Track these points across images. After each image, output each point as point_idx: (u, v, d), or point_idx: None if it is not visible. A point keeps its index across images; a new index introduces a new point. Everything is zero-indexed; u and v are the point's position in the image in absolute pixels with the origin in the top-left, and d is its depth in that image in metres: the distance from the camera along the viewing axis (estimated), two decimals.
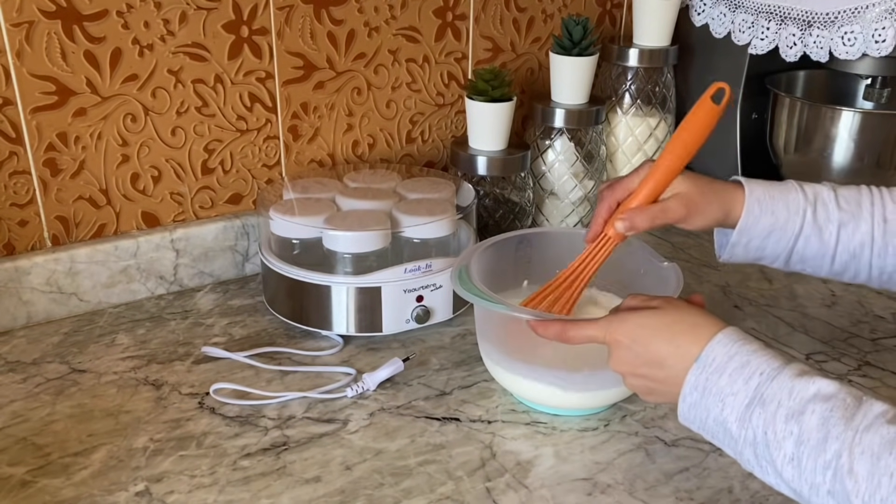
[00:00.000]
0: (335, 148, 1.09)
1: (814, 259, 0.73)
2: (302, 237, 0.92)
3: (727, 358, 0.58)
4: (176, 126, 0.96)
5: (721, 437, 0.59)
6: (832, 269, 0.73)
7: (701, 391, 0.59)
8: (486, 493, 0.68)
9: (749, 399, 0.56)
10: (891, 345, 0.92)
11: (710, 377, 0.58)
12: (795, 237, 0.72)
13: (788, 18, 1.10)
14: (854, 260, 0.72)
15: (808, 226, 0.72)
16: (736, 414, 0.57)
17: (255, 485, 0.69)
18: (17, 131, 0.87)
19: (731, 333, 0.60)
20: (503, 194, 1.07)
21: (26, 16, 0.84)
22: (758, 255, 0.74)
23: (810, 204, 0.72)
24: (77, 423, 0.76)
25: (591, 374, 0.76)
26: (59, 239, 0.94)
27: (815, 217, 0.72)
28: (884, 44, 1.01)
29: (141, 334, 0.91)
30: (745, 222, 0.72)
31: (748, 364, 0.57)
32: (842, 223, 0.72)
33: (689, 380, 0.59)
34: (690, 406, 0.60)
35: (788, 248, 0.73)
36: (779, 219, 0.72)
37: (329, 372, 0.85)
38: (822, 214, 0.72)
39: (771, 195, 0.73)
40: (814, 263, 0.74)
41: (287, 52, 1.00)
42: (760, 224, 0.72)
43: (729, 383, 0.57)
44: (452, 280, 0.77)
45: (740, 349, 0.58)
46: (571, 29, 1.08)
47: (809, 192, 0.73)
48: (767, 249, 0.74)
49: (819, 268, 0.74)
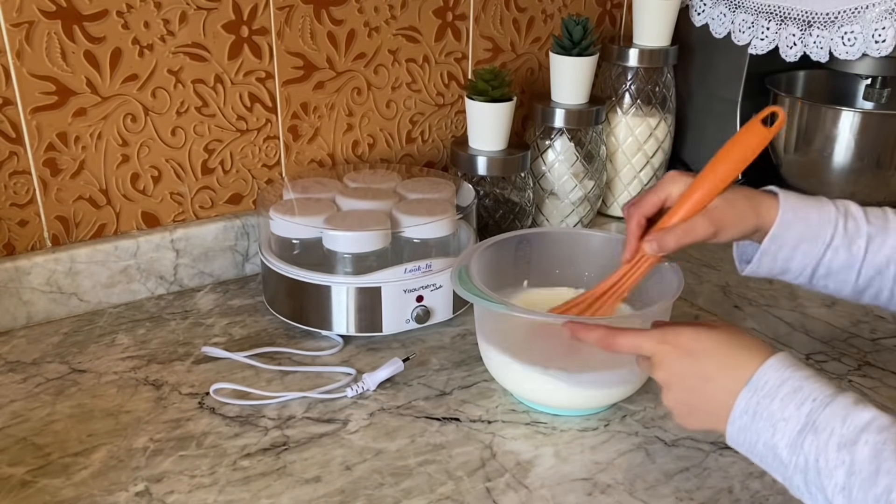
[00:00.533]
0: (335, 148, 1.09)
1: (839, 273, 0.71)
2: (302, 237, 0.92)
3: (779, 382, 0.57)
4: (176, 126, 0.96)
5: (770, 461, 0.58)
6: (856, 284, 0.72)
7: (751, 415, 0.58)
8: (486, 493, 0.68)
9: (801, 425, 0.55)
10: (891, 345, 0.92)
11: (761, 401, 0.57)
12: (826, 247, 0.70)
13: (788, 18, 1.10)
14: (878, 276, 0.71)
15: (839, 236, 0.70)
16: (787, 440, 0.56)
17: (255, 485, 0.69)
18: (17, 131, 0.87)
19: (783, 359, 0.59)
20: (503, 194, 1.07)
21: (26, 16, 0.84)
22: (784, 266, 0.72)
23: (842, 215, 0.71)
24: (77, 423, 0.76)
25: (591, 375, 0.76)
26: (59, 239, 0.94)
27: (846, 228, 0.70)
28: (884, 44, 1.01)
29: (141, 334, 0.91)
30: (777, 230, 0.70)
31: (800, 389, 0.56)
32: (871, 236, 0.70)
33: (739, 403, 0.58)
34: (740, 429, 0.59)
35: (817, 259, 0.71)
36: (811, 227, 0.70)
37: (329, 372, 0.85)
38: (853, 226, 0.70)
39: (804, 203, 0.71)
40: (838, 278, 0.72)
41: (287, 52, 1.00)
42: (792, 231, 0.70)
43: (780, 408, 0.56)
44: (452, 280, 0.77)
45: (792, 374, 0.58)
46: (571, 29, 1.08)
47: (840, 204, 0.72)
48: (795, 261, 0.72)
49: (843, 283, 0.72)
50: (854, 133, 1.10)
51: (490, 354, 0.80)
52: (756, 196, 0.72)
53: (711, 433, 0.76)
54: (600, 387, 0.77)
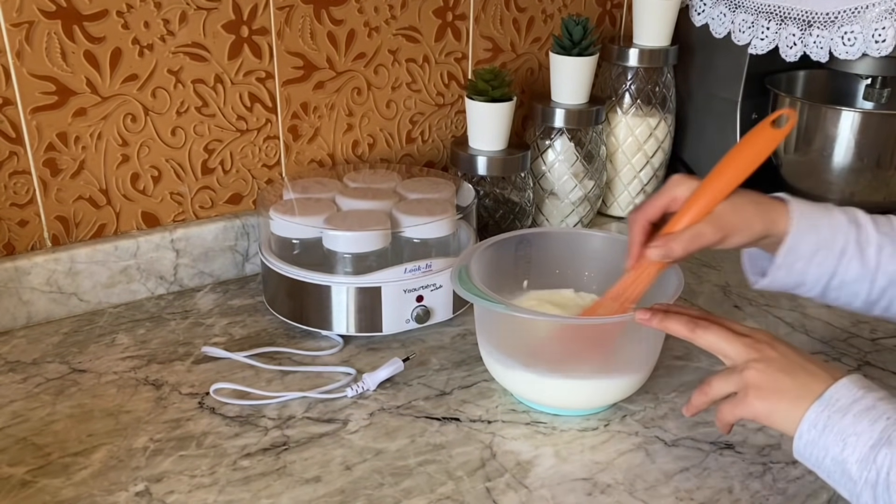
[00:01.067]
0: (335, 148, 1.09)
1: (853, 284, 0.69)
2: (302, 237, 0.92)
3: (852, 400, 0.57)
4: (176, 126, 0.96)
5: (837, 477, 0.57)
6: (869, 296, 0.70)
7: (821, 429, 0.57)
8: (486, 493, 0.68)
9: (875, 440, 0.55)
10: (891, 345, 0.92)
11: (831, 416, 0.57)
12: (839, 256, 0.69)
13: (788, 18, 1.10)
14: (892, 286, 0.69)
15: (852, 245, 0.68)
16: (858, 455, 0.55)
17: (255, 485, 0.69)
18: (17, 131, 0.87)
19: (857, 379, 0.59)
20: (503, 194, 1.07)
21: (26, 16, 0.84)
22: (799, 279, 0.70)
23: (853, 222, 0.69)
24: (77, 423, 0.76)
25: (592, 375, 0.76)
26: (59, 239, 0.94)
27: (859, 237, 0.69)
28: (884, 44, 1.01)
29: (141, 334, 0.91)
30: (793, 241, 0.68)
31: (874, 408, 0.56)
32: (881, 245, 0.68)
33: (808, 417, 0.58)
34: (807, 444, 0.58)
35: (832, 270, 0.69)
36: (824, 236, 0.68)
37: (329, 372, 0.85)
38: (863, 235, 0.69)
39: (813, 211, 0.69)
40: (851, 290, 0.70)
41: (287, 52, 1.00)
42: (807, 242, 0.69)
43: (852, 423, 0.56)
44: (452, 280, 0.77)
45: (866, 395, 0.57)
46: (571, 29, 1.08)
47: (849, 212, 0.70)
48: (811, 273, 0.70)
49: (856, 295, 0.70)
50: (854, 133, 1.10)
51: (490, 354, 0.80)
52: (765, 202, 0.71)
53: (714, 434, 0.76)
54: (600, 387, 0.77)
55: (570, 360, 0.76)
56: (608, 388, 0.77)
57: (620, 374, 0.76)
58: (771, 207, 0.70)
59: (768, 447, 0.75)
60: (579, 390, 0.76)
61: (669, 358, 0.87)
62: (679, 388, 0.83)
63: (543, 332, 0.78)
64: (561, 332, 0.78)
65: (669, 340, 0.77)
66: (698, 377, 0.85)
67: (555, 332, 0.78)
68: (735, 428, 0.77)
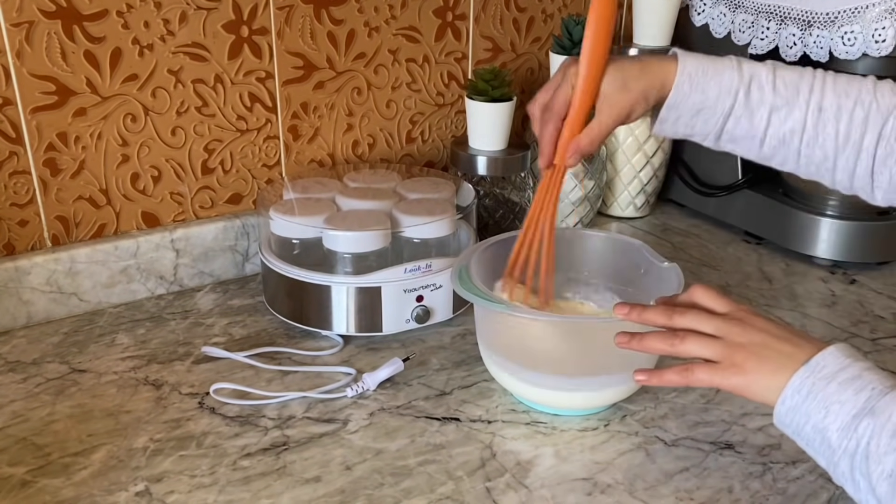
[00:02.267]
0: (335, 148, 1.09)
1: (743, 140, 0.72)
2: (302, 237, 0.92)
3: (838, 368, 0.57)
4: (176, 126, 0.96)
5: (817, 445, 0.57)
6: (761, 152, 0.73)
7: (804, 395, 0.57)
8: (486, 493, 0.68)
9: (858, 409, 0.54)
10: (891, 345, 0.92)
11: (816, 383, 0.56)
12: (725, 117, 0.71)
13: (788, 18, 1.10)
14: (783, 146, 0.71)
15: (740, 107, 0.71)
16: (840, 423, 0.55)
17: (255, 485, 0.69)
18: (17, 131, 0.87)
19: (844, 348, 0.58)
20: (503, 194, 1.07)
21: (26, 16, 0.84)
22: (687, 132, 0.74)
23: (744, 84, 0.71)
24: (77, 423, 0.76)
25: (592, 374, 0.76)
26: (59, 239, 0.94)
27: (748, 98, 0.70)
28: (884, 44, 1.01)
29: (141, 334, 0.91)
30: (673, 99, 0.71)
31: (860, 378, 0.56)
32: (774, 107, 0.70)
33: (793, 382, 0.57)
34: (789, 409, 0.58)
35: (718, 128, 0.72)
36: (709, 97, 0.71)
37: (329, 372, 0.85)
38: (756, 96, 0.70)
39: (704, 71, 0.71)
40: (743, 145, 0.73)
41: (287, 52, 1.00)
42: (689, 101, 0.71)
43: (837, 391, 0.55)
44: (452, 280, 0.77)
45: (853, 364, 0.57)
46: (571, 29, 1.08)
47: (747, 71, 0.71)
48: (696, 127, 0.73)
49: (748, 150, 0.73)
50: None
51: (490, 354, 0.80)
52: (653, 65, 0.72)
53: (714, 434, 0.76)
54: (600, 387, 0.77)
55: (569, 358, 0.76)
56: (608, 388, 0.77)
57: (621, 373, 0.76)
58: (660, 68, 0.71)
59: (768, 447, 0.75)
60: (579, 390, 0.76)
61: (669, 358, 0.87)
62: (679, 387, 0.83)
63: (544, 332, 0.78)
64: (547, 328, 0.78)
65: None
66: None
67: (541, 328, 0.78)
68: (735, 428, 0.77)
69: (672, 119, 0.72)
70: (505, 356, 0.78)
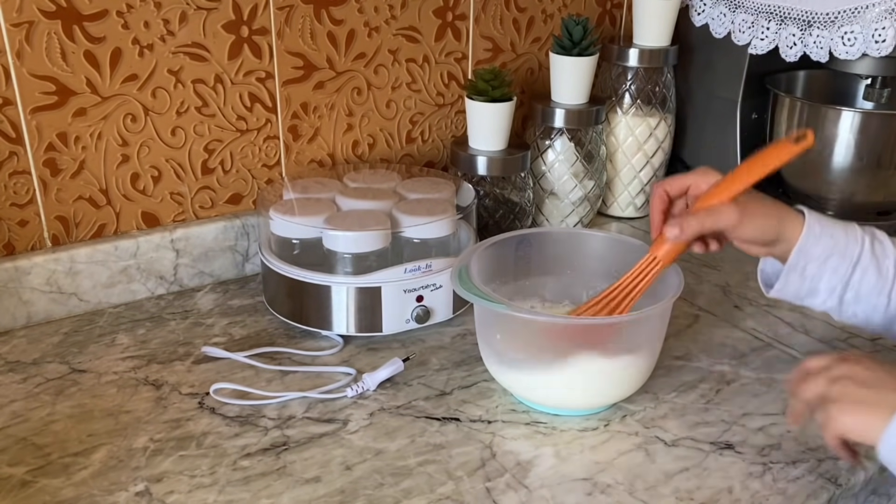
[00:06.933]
0: (335, 148, 1.09)
1: (869, 296, 0.69)
2: (302, 237, 0.92)
3: None
4: (176, 126, 0.96)
5: None
6: (887, 310, 0.69)
7: None
8: (486, 493, 0.68)
9: None
10: (891, 345, 0.92)
11: None
12: (854, 265, 0.69)
13: (788, 18, 1.10)
14: None
15: (867, 255, 0.69)
16: None
17: (255, 485, 0.69)
18: (17, 131, 0.87)
19: None
20: (503, 194, 1.08)
21: (26, 16, 0.84)
22: (812, 285, 0.70)
23: (868, 235, 0.69)
24: (77, 423, 0.76)
25: (592, 374, 0.76)
26: (59, 239, 0.94)
27: (873, 248, 0.69)
28: (884, 44, 1.01)
29: (141, 334, 0.91)
30: (804, 243, 0.69)
31: None
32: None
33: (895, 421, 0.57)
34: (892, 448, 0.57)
35: (846, 278, 0.69)
36: (838, 242, 0.69)
37: (329, 372, 0.85)
38: (879, 248, 0.69)
39: (830, 220, 0.70)
40: (868, 303, 0.70)
41: (287, 52, 1.00)
42: (820, 245, 0.69)
43: None
44: (452, 280, 0.77)
45: None
46: (571, 29, 1.08)
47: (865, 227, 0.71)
48: (824, 279, 0.70)
49: (874, 309, 0.70)
50: (854, 133, 1.10)
51: (490, 354, 0.80)
52: (783, 205, 0.71)
53: (714, 434, 0.76)
54: (600, 387, 0.77)
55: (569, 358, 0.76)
56: (608, 388, 0.77)
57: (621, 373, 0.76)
58: (788, 212, 0.71)
59: (768, 447, 0.75)
60: (579, 390, 0.76)
61: (669, 358, 0.87)
62: (679, 388, 0.83)
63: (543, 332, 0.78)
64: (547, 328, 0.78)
65: (669, 340, 0.77)
66: (698, 377, 0.85)
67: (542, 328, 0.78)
68: (735, 428, 0.77)
69: (801, 265, 0.69)
70: (505, 356, 0.78)
